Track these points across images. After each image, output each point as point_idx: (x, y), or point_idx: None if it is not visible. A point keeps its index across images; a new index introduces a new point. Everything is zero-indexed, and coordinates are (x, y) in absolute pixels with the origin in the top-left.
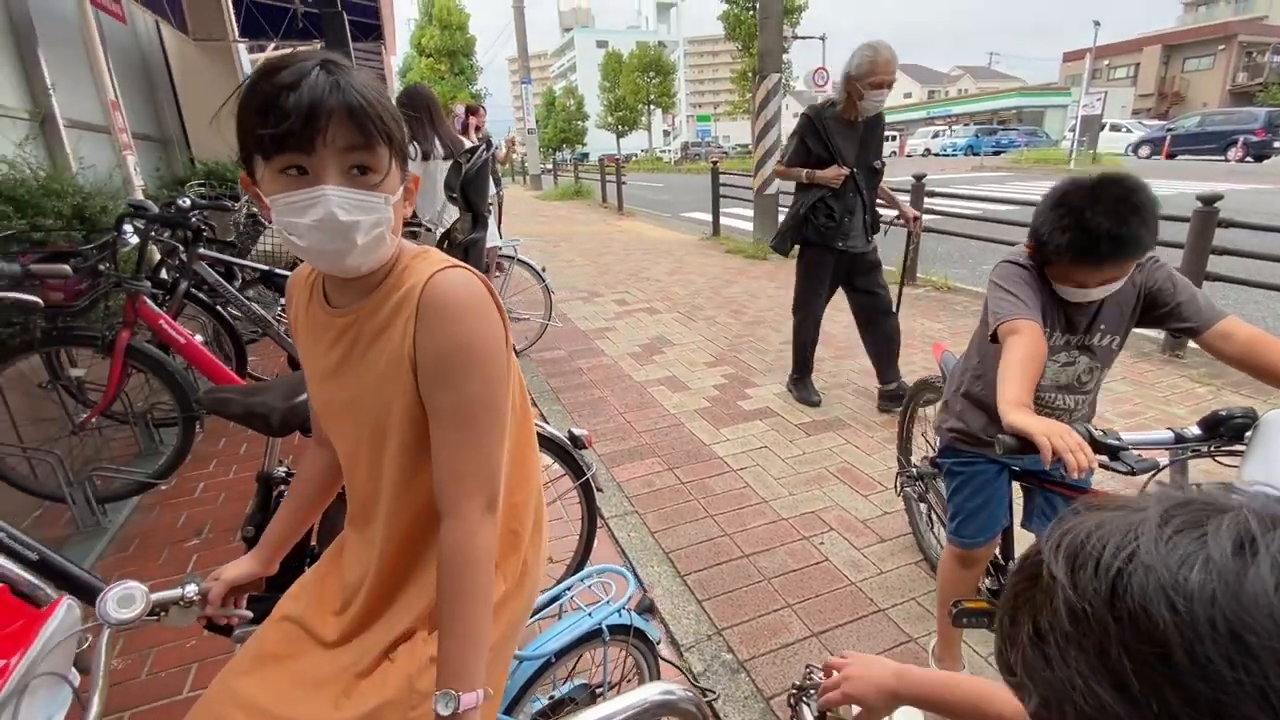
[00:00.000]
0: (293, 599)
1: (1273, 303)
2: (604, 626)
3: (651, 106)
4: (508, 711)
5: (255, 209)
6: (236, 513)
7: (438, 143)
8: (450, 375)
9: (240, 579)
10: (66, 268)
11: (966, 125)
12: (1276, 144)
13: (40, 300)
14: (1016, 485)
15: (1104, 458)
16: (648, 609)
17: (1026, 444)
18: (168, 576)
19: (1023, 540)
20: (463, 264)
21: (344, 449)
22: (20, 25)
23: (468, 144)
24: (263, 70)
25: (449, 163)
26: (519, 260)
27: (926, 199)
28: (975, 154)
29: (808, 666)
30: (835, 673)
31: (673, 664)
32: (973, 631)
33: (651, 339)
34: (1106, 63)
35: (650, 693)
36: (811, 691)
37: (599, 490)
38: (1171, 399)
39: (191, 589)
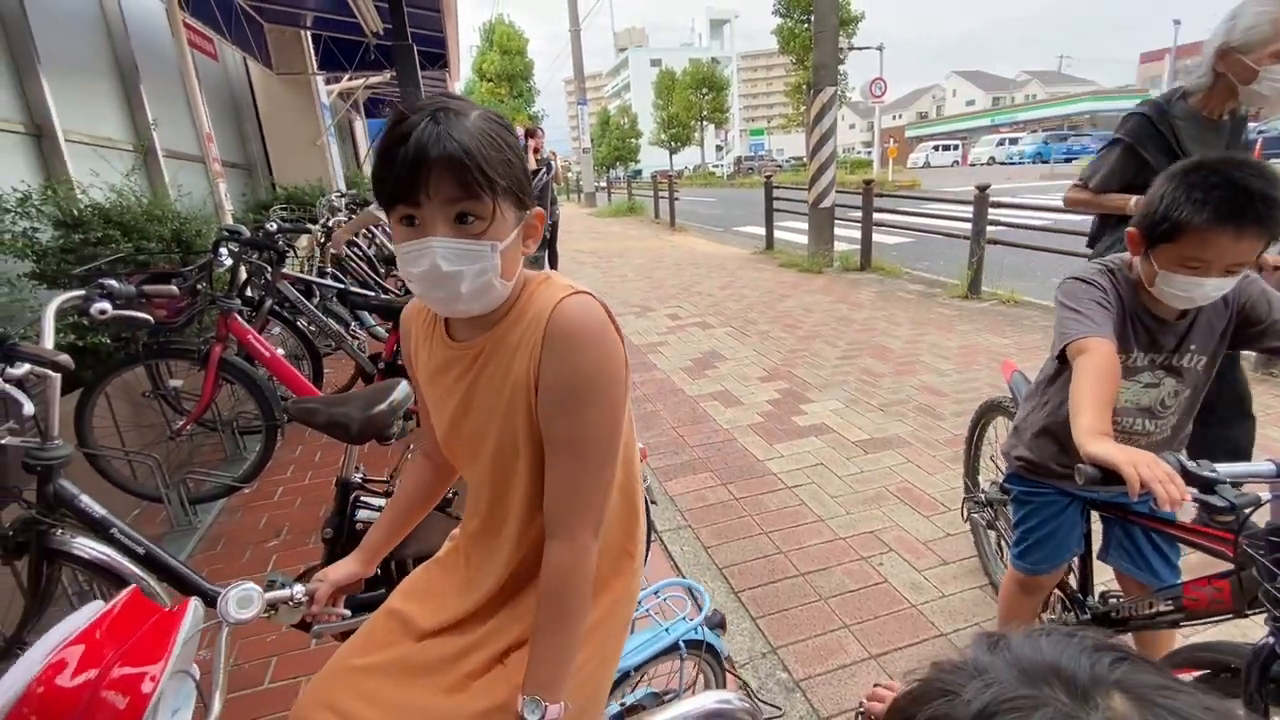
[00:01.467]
0: (404, 596)
1: None
2: (681, 643)
3: (704, 122)
4: None
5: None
6: (312, 516)
7: None
8: (571, 404)
9: (343, 580)
10: (174, 288)
11: (1035, 132)
12: None
13: (150, 317)
14: (1095, 514)
15: (1196, 490)
16: (719, 624)
17: (1110, 474)
18: (251, 575)
19: (1100, 572)
20: (583, 289)
21: (471, 473)
22: (125, 66)
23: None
24: (390, 120)
25: None
26: None
27: (991, 210)
28: (1044, 161)
29: (876, 686)
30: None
31: (739, 678)
32: None
33: (704, 353)
34: (1188, 62)
35: (706, 701)
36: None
37: (653, 503)
38: (1265, 422)
39: (299, 590)
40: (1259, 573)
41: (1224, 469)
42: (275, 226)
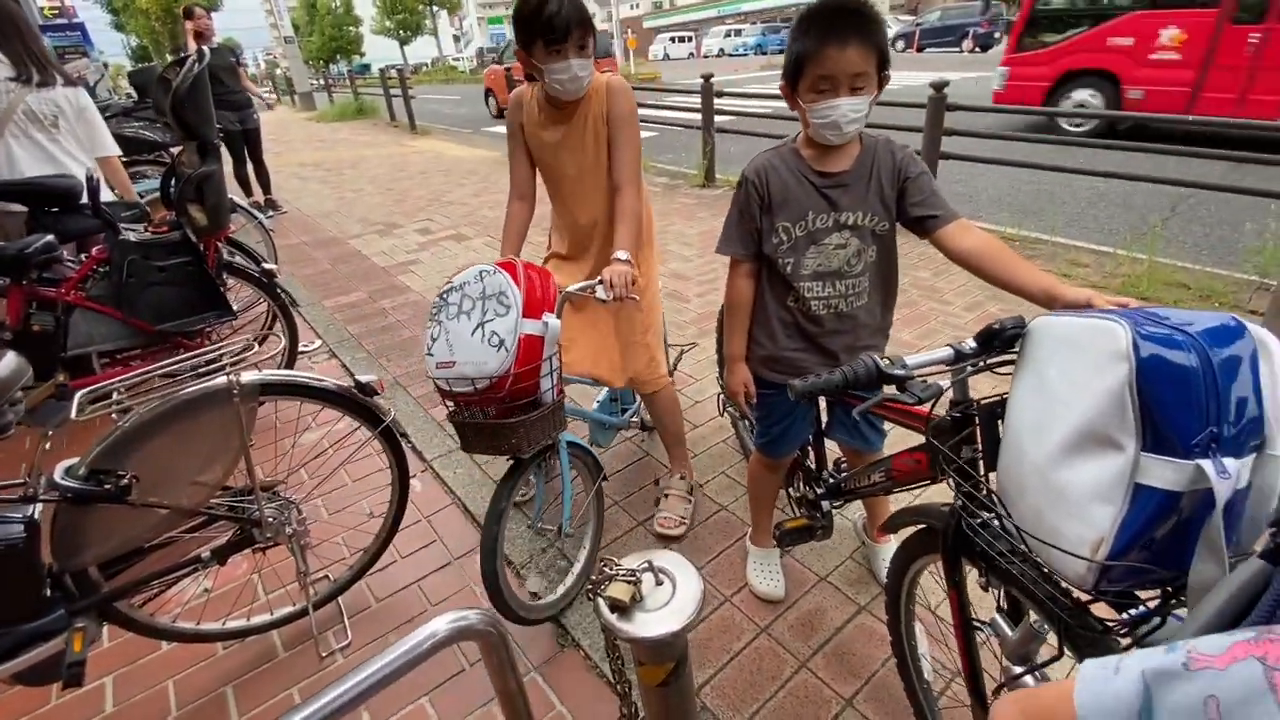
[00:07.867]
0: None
1: (994, 175)
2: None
3: (434, 7)
4: None
5: None
6: None
7: (30, 65)
8: (626, 121)
9: None
10: None
11: (755, 24)
12: (997, 34)
13: None
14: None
15: (893, 388)
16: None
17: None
18: None
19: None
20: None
21: (578, 204)
22: None
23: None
24: None
25: (44, 89)
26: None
27: (717, 100)
28: (764, 52)
29: (601, 560)
30: None
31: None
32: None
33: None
34: None
35: (440, 625)
36: (604, 585)
37: (403, 435)
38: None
39: None
40: (942, 459)
41: (912, 360)
42: None
